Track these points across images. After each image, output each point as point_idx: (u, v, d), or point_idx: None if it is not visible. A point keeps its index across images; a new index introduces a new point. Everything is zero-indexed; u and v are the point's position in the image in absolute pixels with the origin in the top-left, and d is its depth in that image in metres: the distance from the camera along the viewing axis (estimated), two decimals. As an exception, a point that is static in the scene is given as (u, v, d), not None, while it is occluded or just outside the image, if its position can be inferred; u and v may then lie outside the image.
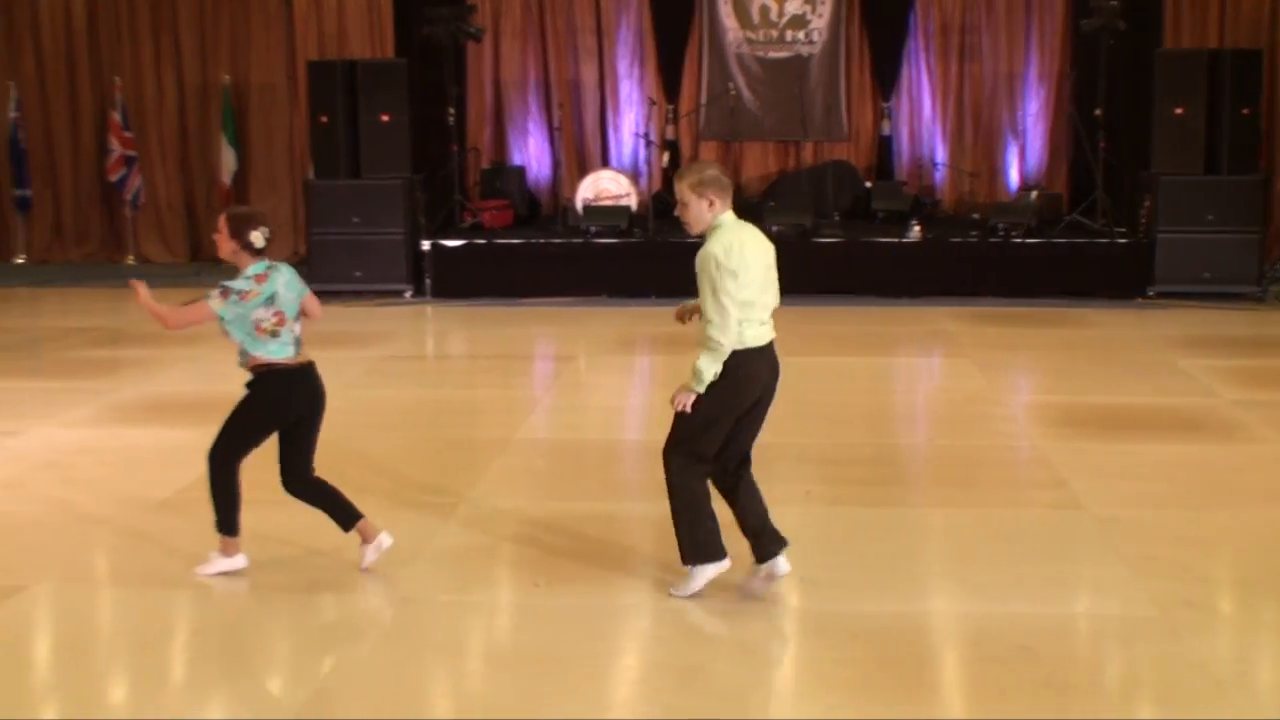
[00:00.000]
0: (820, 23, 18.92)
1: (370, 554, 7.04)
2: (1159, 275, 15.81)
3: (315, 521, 7.78)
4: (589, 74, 19.42)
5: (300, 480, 6.99)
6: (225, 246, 6.79)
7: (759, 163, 19.32)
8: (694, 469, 6.49)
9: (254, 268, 6.76)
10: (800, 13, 18.91)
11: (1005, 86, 18.94)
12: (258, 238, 6.75)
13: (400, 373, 12.29)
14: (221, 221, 6.80)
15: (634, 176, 18.14)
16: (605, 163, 19.09)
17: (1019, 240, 16.22)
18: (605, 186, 17.42)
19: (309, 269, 16.58)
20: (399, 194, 16.40)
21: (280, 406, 6.87)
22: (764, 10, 18.96)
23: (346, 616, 6.48)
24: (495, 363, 13.03)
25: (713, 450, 6.50)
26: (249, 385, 6.87)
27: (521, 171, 19.12)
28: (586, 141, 19.57)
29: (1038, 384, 12.24)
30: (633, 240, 16.48)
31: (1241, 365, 12.36)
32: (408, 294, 16.43)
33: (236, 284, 6.70)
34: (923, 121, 19.12)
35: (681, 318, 6.95)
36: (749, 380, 6.43)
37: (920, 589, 6.77)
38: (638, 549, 7.27)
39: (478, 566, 7.15)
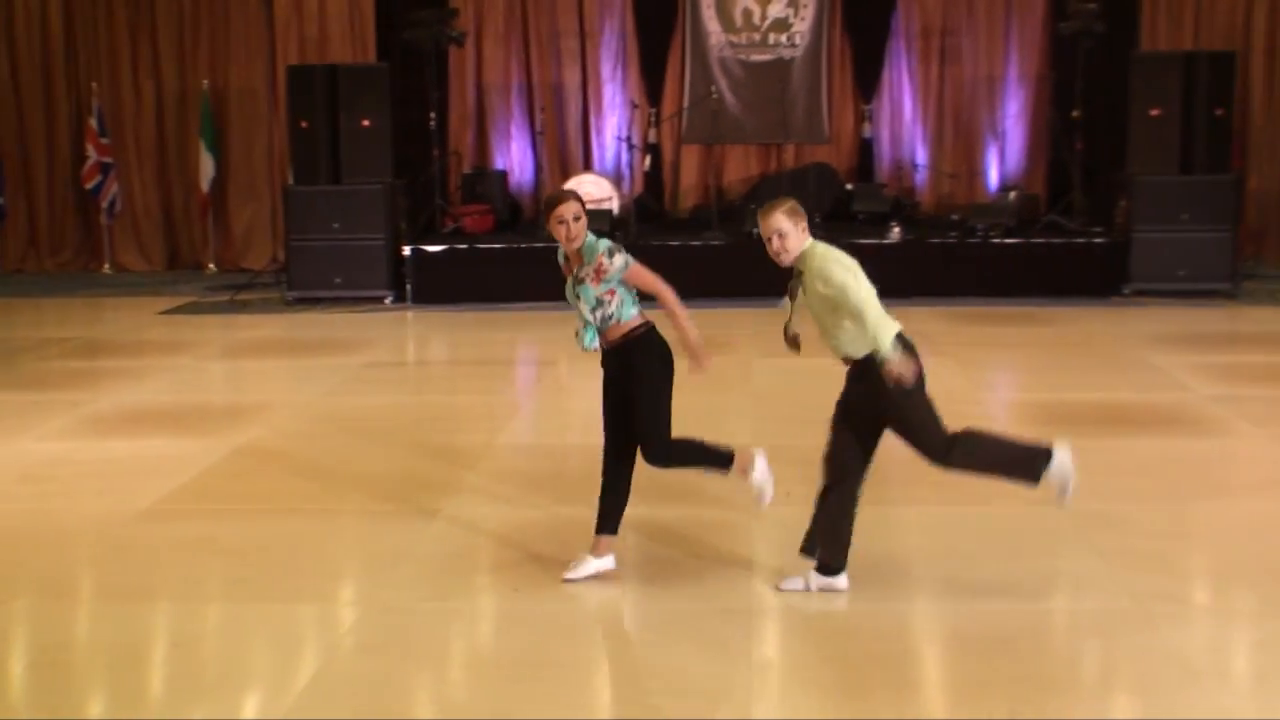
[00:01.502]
0: (802, 26, 18.95)
1: (760, 471, 6.93)
2: (1135, 273, 15.98)
3: (291, 530, 7.80)
4: (572, 77, 19.40)
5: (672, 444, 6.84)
6: (584, 230, 6.66)
7: (740, 165, 19.31)
8: (954, 440, 6.61)
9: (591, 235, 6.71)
10: (783, 16, 18.94)
11: (985, 88, 18.97)
12: None
13: (381, 379, 12.28)
14: (580, 208, 6.65)
15: (616, 180, 18.15)
16: (588, 166, 19.06)
17: (997, 240, 16.33)
18: (587, 190, 17.38)
19: (288, 276, 16.59)
20: (380, 199, 16.39)
21: (669, 356, 6.71)
22: (747, 13, 18.98)
23: (325, 627, 6.43)
24: (476, 368, 13.04)
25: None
26: (631, 356, 6.74)
27: (503, 176, 19.09)
28: (569, 145, 19.54)
29: (1017, 381, 12.30)
30: (614, 244, 16.39)
31: (1216, 361, 12.41)
32: (388, 300, 16.42)
33: (607, 241, 6.65)
34: (903, 124, 19.15)
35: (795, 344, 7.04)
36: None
37: (901, 587, 6.78)
38: (618, 551, 7.22)
39: (458, 573, 7.11)
